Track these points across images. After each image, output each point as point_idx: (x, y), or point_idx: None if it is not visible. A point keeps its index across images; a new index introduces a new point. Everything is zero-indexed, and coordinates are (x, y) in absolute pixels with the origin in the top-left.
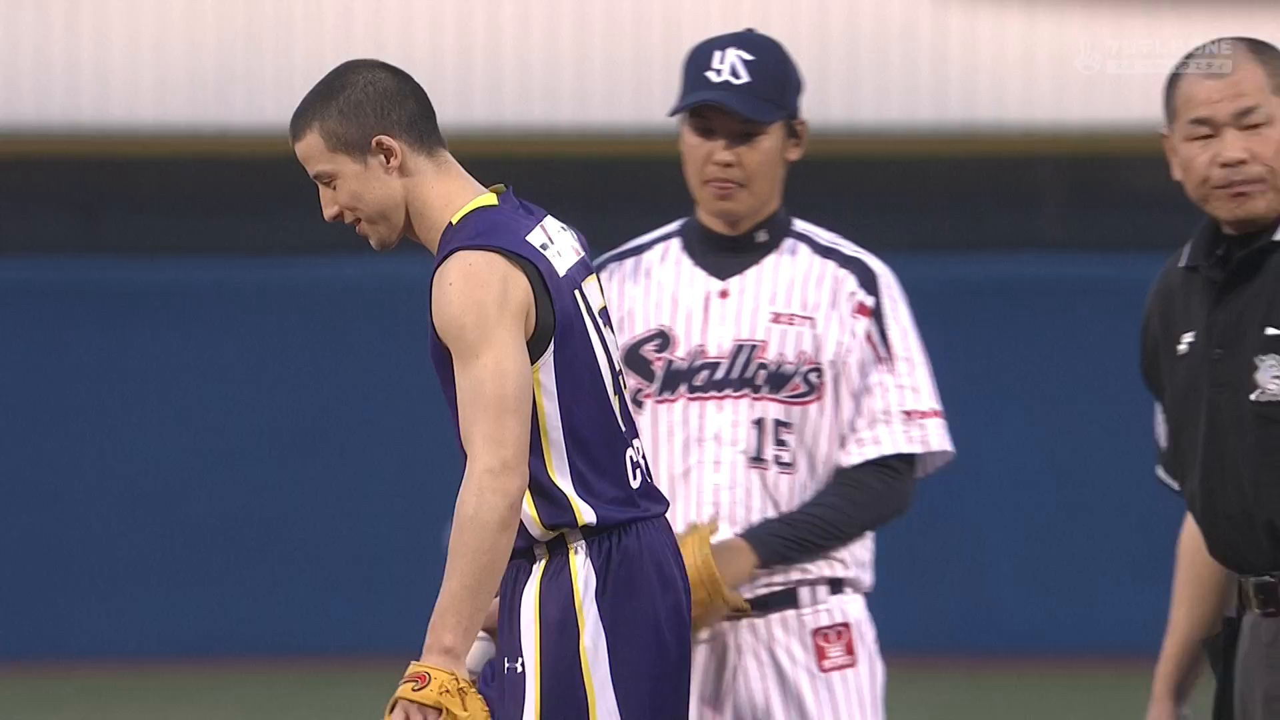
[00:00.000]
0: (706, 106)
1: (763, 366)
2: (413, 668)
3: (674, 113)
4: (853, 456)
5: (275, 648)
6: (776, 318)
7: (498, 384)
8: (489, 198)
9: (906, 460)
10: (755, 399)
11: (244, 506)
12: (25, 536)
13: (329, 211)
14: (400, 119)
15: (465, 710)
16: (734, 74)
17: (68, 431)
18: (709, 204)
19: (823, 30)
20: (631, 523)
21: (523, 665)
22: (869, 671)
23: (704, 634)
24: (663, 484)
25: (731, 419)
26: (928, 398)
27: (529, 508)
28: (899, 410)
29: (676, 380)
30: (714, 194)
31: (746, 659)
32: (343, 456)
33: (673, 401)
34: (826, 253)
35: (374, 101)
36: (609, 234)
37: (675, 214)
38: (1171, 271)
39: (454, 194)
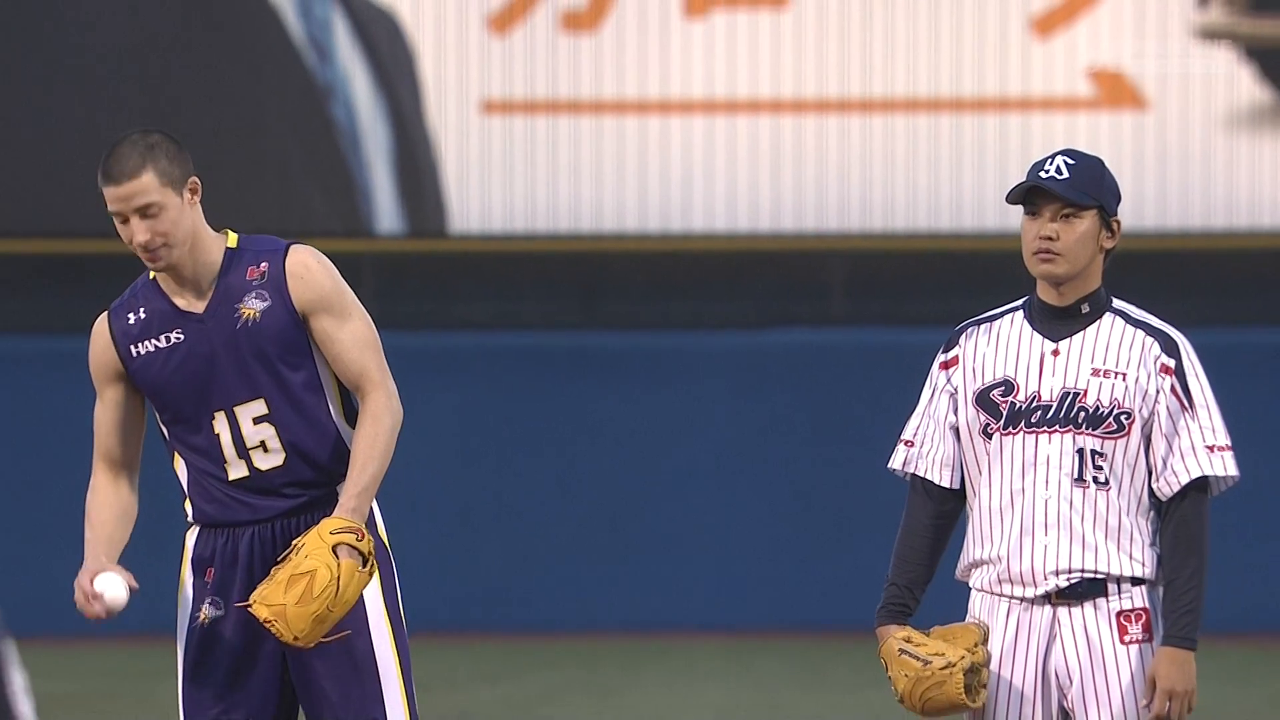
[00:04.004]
0: (1033, 191)
1: (1083, 409)
2: (351, 522)
3: (1010, 197)
4: (1172, 486)
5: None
6: (1096, 372)
7: (375, 330)
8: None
9: (1205, 482)
10: (1077, 433)
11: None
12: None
13: (142, 239)
14: (194, 167)
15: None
16: (1058, 171)
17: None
18: (1035, 268)
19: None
20: None
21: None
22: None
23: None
24: (1004, 498)
25: (1059, 448)
26: (1222, 435)
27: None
28: (1203, 445)
29: (1017, 418)
30: (1039, 260)
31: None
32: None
33: (1014, 434)
34: (1137, 324)
35: (183, 151)
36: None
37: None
38: None
39: (208, 228)
